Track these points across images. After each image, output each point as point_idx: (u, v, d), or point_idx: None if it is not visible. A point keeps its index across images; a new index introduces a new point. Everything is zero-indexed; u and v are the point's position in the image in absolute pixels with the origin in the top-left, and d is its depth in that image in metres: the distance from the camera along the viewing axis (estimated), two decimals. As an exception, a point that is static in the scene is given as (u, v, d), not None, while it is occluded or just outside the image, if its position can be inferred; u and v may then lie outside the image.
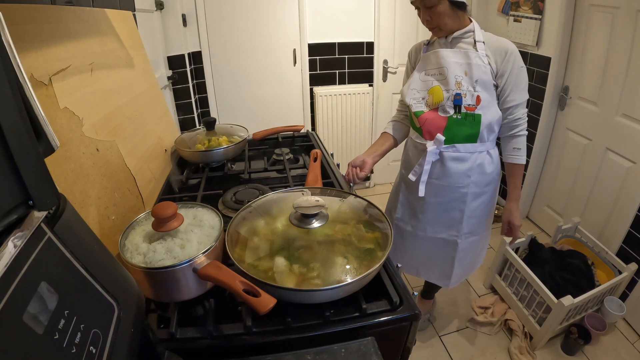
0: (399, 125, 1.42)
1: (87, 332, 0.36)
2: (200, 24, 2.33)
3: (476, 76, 1.16)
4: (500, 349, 1.72)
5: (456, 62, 1.18)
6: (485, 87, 1.17)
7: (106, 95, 0.97)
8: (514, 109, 1.20)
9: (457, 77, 1.17)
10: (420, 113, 1.25)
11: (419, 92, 1.26)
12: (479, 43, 1.16)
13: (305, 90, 2.68)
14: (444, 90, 1.19)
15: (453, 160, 1.25)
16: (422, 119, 1.24)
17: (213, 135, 1.35)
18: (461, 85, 1.17)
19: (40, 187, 0.36)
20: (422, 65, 1.27)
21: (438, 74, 1.21)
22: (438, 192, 1.31)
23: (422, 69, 1.26)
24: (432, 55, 1.23)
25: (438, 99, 1.21)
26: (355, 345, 0.61)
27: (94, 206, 0.77)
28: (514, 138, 1.24)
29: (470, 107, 1.18)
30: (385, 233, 0.78)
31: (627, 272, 1.74)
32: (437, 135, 1.22)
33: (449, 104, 1.19)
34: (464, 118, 1.19)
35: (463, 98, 1.17)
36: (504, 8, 2.46)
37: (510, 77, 1.16)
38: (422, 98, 1.25)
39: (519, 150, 1.24)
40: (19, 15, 0.67)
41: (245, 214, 0.84)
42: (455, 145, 1.23)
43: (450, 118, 1.20)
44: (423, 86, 1.25)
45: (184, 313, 0.72)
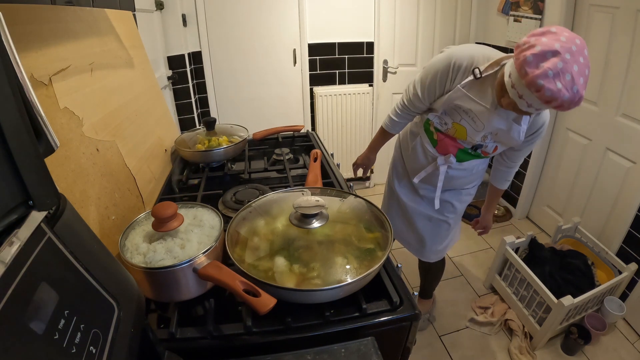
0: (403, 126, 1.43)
1: (87, 332, 0.36)
2: (200, 24, 2.33)
3: (504, 140, 1.17)
4: (500, 349, 1.72)
5: (497, 127, 1.11)
6: (507, 146, 1.22)
7: (106, 95, 0.97)
8: (518, 159, 1.30)
9: (487, 134, 1.17)
10: (438, 131, 1.27)
11: (445, 116, 1.21)
12: (525, 117, 1.08)
13: (305, 90, 2.68)
14: (468, 136, 1.19)
15: (457, 170, 1.33)
16: (440, 136, 1.27)
17: (213, 135, 1.35)
18: (486, 138, 1.18)
19: (40, 187, 0.36)
20: (461, 100, 1.12)
21: (471, 120, 1.14)
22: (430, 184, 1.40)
23: (458, 103, 1.13)
24: (476, 106, 1.10)
25: (460, 137, 1.22)
26: (355, 345, 0.61)
27: (94, 206, 0.77)
28: (508, 173, 1.35)
29: (485, 152, 1.25)
30: (385, 233, 0.78)
31: (627, 272, 1.74)
32: (450, 156, 1.28)
33: (469, 145, 1.24)
34: (477, 155, 1.28)
35: (483, 146, 1.22)
36: (504, 8, 2.46)
37: (532, 144, 1.20)
38: (445, 122, 1.22)
39: (508, 181, 1.37)
40: (19, 15, 0.67)
41: (245, 214, 0.84)
42: (463, 163, 1.31)
43: (465, 148, 1.26)
44: (451, 114, 1.18)
45: (184, 313, 0.72)
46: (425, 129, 1.31)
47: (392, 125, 1.40)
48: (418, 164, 1.38)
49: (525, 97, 0.90)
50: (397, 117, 1.37)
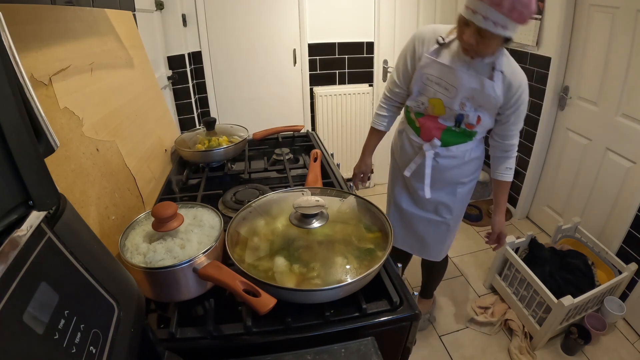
0: (391, 120, 1.44)
1: (87, 332, 0.36)
2: (200, 24, 2.33)
3: (482, 102, 1.15)
4: (500, 349, 1.72)
5: (469, 87, 1.13)
6: (489, 113, 1.19)
7: (106, 95, 0.97)
8: (512, 137, 1.24)
9: (463, 99, 1.16)
10: (420, 115, 1.27)
11: (420, 95, 1.24)
12: (497, 72, 1.10)
13: (305, 90, 2.68)
14: (446, 107, 1.19)
15: (446, 158, 1.31)
16: (422, 121, 1.27)
17: (213, 135, 1.35)
18: (465, 106, 1.17)
19: (40, 187, 0.36)
20: (429, 68, 1.17)
21: (443, 88, 1.16)
22: (432, 184, 1.37)
23: (426, 72, 1.18)
24: (445, 68, 1.14)
25: (439, 112, 1.22)
26: (355, 345, 0.61)
27: (94, 206, 0.77)
28: (507, 159, 1.28)
29: (470, 125, 1.22)
30: (385, 233, 0.78)
31: (627, 272, 1.74)
32: (434, 139, 1.26)
33: (450, 118, 1.22)
34: (461, 131, 1.24)
35: (465, 117, 1.19)
36: (504, 8, 2.46)
37: (513, 108, 1.17)
38: (421, 103, 1.24)
39: (509, 169, 1.29)
40: (19, 15, 0.67)
41: (245, 214, 0.84)
42: (449, 147, 1.28)
43: (448, 127, 1.24)
44: (425, 91, 1.22)
45: (184, 313, 0.72)
46: (408, 120, 1.34)
47: (379, 121, 1.42)
48: (406, 157, 1.39)
49: (478, 10, 0.94)
50: (382, 111, 1.40)
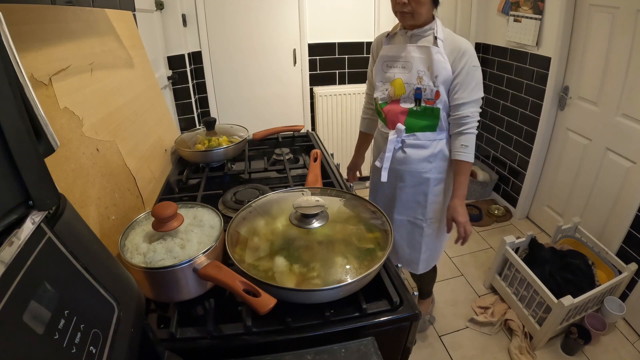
0: (371, 122, 1.54)
1: (87, 332, 0.36)
2: (200, 24, 2.33)
3: (436, 72, 1.19)
4: (500, 349, 1.72)
5: (419, 57, 1.21)
6: (445, 83, 1.21)
7: (106, 95, 0.97)
8: (461, 107, 1.23)
9: (420, 72, 1.22)
10: (384, 104, 1.33)
11: (383, 84, 1.31)
12: (438, 40, 1.19)
13: (305, 90, 2.68)
14: (405, 84, 1.25)
15: (413, 148, 1.32)
16: (386, 110, 1.32)
17: (213, 135, 1.35)
18: (422, 80, 1.22)
19: (40, 187, 0.36)
20: (384, 57, 1.30)
21: (401, 67, 1.26)
22: (402, 177, 1.37)
23: (383, 61, 1.30)
24: (396, 48, 1.26)
25: (400, 92, 1.27)
26: (355, 345, 0.61)
27: (94, 206, 0.77)
28: (461, 135, 1.26)
29: (429, 101, 1.24)
30: (385, 233, 0.78)
31: (627, 272, 1.74)
32: (397, 124, 1.29)
33: (409, 96, 1.26)
34: (423, 111, 1.26)
35: (423, 92, 1.23)
36: (504, 8, 2.46)
37: (460, 75, 1.19)
38: (385, 90, 1.31)
39: (466, 147, 1.25)
40: (19, 15, 0.67)
41: (245, 214, 0.84)
42: (416, 134, 1.30)
43: (410, 110, 1.27)
44: (386, 78, 1.30)
45: (184, 313, 0.72)
46: (378, 114, 1.39)
47: (362, 123, 1.57)
48: (378, 149, 1.43)
49: None
50: (364, 114, 1.55)
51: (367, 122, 1.56)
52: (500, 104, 2.71)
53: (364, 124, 1.58)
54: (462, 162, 1.27)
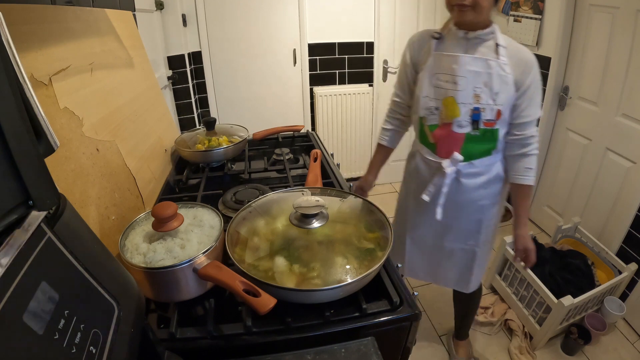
0: (396, 135, 1.31)
1: (87, 332, 0.36)
2: (200, 24, 2.33)
3: (497, 88, 1.02)
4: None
5: (476, 71, 1.02)
6: (508, 100, 1.04)
7: (106, 95, 0.97)
8: (527, 126, 1.09)
9: (476, 90, 1.03)
10: (434, 127, 1.12)
11: (431, 101, 1.10)
12: (500, 48, 1.01)
13: (305, 90, 2.68)
14: (460, 104, 1.05)
15: (469, 177, 1.15)
16: (437, 135, 1.12)
17: (213, 135, 1.35)
18: (480, 98, 1.03)
19: (40, 187, 0.36)
20: (433, 67, 1.08)
21: (452, 83, 1.05)
22: (454, 208, 1.20)
23: (433, 72, 1.08)
24: (447, 58, 1.05)
25: (453, 114, 1.07)
26: (355, 345, 0.61)
27: (94, 206, 0.77)
28: (526, 157, 1.12)
29: (489, 122, 1.06)
30: (385, 233, 0.78)
31: (627, 272, 1.74)
32: (454, 154, 1.11)
33: (465, 119, 1.06)
34: (483, 134, 1.08)
35: (482, 113, 1.05)
36: (504, 8, 2.46)
37: (528, 92, 1.04)
38: (435, 108, 1.10)
39: (530, 170, 1.12)
40: (19, 15, 0.67)
41: (245, 214, 0.84)
42: (473, 161, 1.13)
43: (467, 135, 1.08)
44: (436, 93, 1.09)
45: (184, 313, 0.72)
46: (421, 137, 1.19)
47: (382, 135, 1.32)
48: (423, 180, 1.22)
49: None
50: (386, 124, 1.31)
51: (391, 134, 1.30)
52: (500, 104, 2.70)
53: (387, 136, 1.30)
54: (526, 186, 1.14)
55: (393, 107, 1.29)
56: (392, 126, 1.30)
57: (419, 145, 1.22)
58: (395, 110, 1.29)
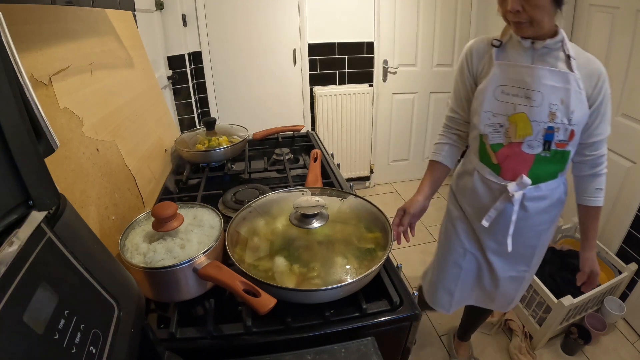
0: (454, 150, 1.15)
1: (87, 332, 0.36)
2: (200, 24, 2.33)
3: (573, 106, 0.91)
4: (500, 349, 1.72)
5: (554, 86, 0.91)
6: (582, 119, 0.94)
7: (106, 95, 0.97)
8: (599, 145, 1.00)
9: (552, 107, 0.92)
10: (499, 147, 1.00)
11: (495, 117, 0.98)
12: (572, 60, 0.91)
13: (305, 90, 2.68)
14: (532, 121, 0.94)
15: (534, 201, 1.04)
16: (501, 155, 1.00)
17: (213, 135, 1.35)
18: (555, 116, 0.92)
19: (40, 187, 0.36)
20: (499, 78, 0.96)
21: (524, 97, 0.93)
22: (502, 228, 1.08)
23: (497, 84, 0.97)
24: (516, 69, 0.94)
25: (524, 132, 0.95)
26: (355, 345, 0.61)
27: (94, 206, 0.77)
28: (597, 177, 1.03)
29: (561, 143, 0.95)
30: (385, 233, 0.78)
31: (627, 272, 1.74)
32: (522, 177, 0.99)
33: (538, 139, 0.95)
34: (553, 156, 0.97)
35: (555, 133, 0.94)
36: (504, 8, 2.46)
37: (601, 107, 0.95)
38: (499, 125, 0.98)
39: (600, 190, 1.04)
40: (19, 15, 0.67)
41: (245, 214, 0.84)
42: (539, 185, 1.02)
43: (537, 156, 0.97)
44: (501, 109, 0.97)
45: (184, 313, 0.72)
46: (481, 156, 1.05)
47: (436, 150, 1.15)
48: (480, 203, 1.09)
49: None
50: (443, 139, 1.15)
51: (448, 150, 1.14)
52: (500, 104, 2.71)
53: (443, 151, 1.14)
54: (597, 208, 1.06)
55: (448, 123, 1.15)
56: (449, 141, 1.14)
57: (477, 164, 1.08)
58: (451, 127, 1.15)
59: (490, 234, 1.11)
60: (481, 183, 1.08)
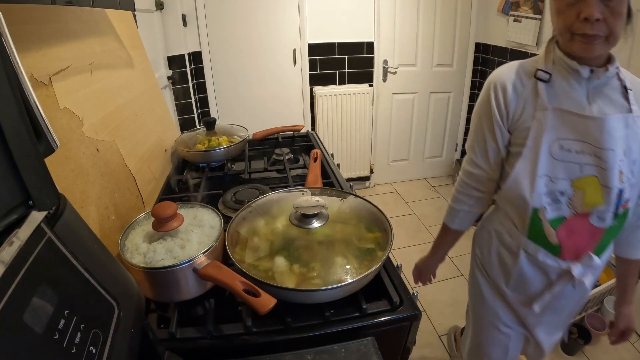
0: (469, 216, 0.95)
1: (87, 332, 0.36)
2: (200, 24, 2.33)
3: (636, 153, 0.72)
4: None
5: (619, 135, 0.71)
6: None
7: (106, 95, 0.97)
8: None
9: (620, 164, 0.71)
10: (560, 221, 0.76)
11: (554, 182, 0.74)
12: (630, 93, 0.74)
13: (305, 90, 2.68)
14: (603, 187, 0.73)
15: (594, 274, 0.86)
16: (564, 232, 0.77)
17: (213, 135, 1.35)
18: (622, 174, 0.72)
19: (40, 187, 0.36)
20: (555, 128, 0.73)
21: (592, 155, 0.72)
22: (558, 305, 0.91)
23: (554, 137, 0.73)
24: (581, 120, 0.72)
25: (593, 201, 0.74)
26: (355, 345, 0.61)
27: (94, 206, 0.77)
28: None
29: (626, 202, 0.76)
30: (385, 233, 0.78)
31: (627, 272, 1.74)
32: (591, 258, 0.78)
33: (610, 208, 0.74)
34: (619, 221, 0.78)
35: (623, 194, 0.74)
36: (504, 8, 2.46)
37: None
38: (560, 193, 0.75)
39: None
40: (19, 15, 0.67)
41: (245, 214, 0.84)
42: (601, 256, 0.83)
43: (607, 228, 0.77)
44: (562, 171, 0.74)
45: (184, 313, 0.72)
46: (533, 234, 0.81)
47: (452, 216, 0.96)
48: (531, 291, 0.88)
49: None
50: (457, 203, 0.94)
51: (462, 217, 0.94)
52: (500, 104, 2.70)
53: (458, 218, 0.95)
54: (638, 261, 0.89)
55: (467, 180, 0.90)
56: (465, 207, 0.93)
57: (524, 243, 0.83)
58: (469, 185, 0.90)
59: (537, 317, 0.91)
60: (531, 266, 0.84)
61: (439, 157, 3.20)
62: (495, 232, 0.92)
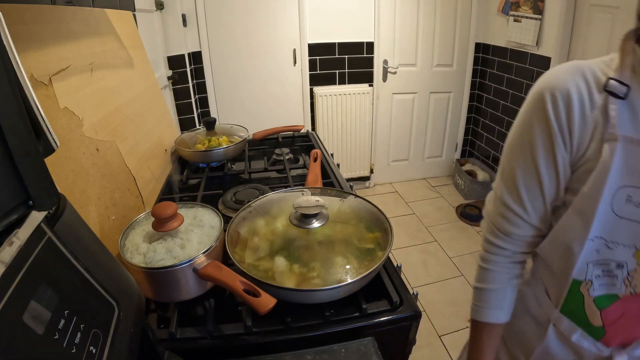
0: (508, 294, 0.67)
1: (87, 332, 0.36)
2: (200, 24, 2.33)
3: None
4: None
5: None
6: None
7: (106, 95, 0.97)
8: None
9: None
10: (609, 301, 0.57)
11: (610, 248, 0.54)
12: None
13: (305, 90, 2.68)
14: None
15: None
16: (612, 314, 0.58)
17: (213, 135, 1.35)
18: None
19: (40, 187, 0.36)
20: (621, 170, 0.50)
21: None
22: None
23: (619, 183, 0.50)
24: None
25: None
26: (355, 345, 0.61)
27: (94, 206, 0.77)
28: None
29: None
30: (385, 233, 0.78)
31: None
32: (636, 343, 0.58)
33: None
34: None
35: None
36: (504, 8, 2.46)
37: None
38: (616, 265, 0.55)
39: None
40: (18, 15, 0.67)
41: (245, 214, 0.84)
42: None
43: None
44: (625, 234, 0.52)
45: (184, 313, 0.72)
46: (569, 310, 0.61)
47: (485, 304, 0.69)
48: None
49: None
50: (487, 282, 0.69)
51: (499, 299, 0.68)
52: (501, 104, 2.71)
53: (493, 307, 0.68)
54: None
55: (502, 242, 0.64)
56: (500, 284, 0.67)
57: (556, 317, 0.63)
58: (505, 248, 0.65)
59: None
60: (561, 346, 0.64)
61: (439, 157, 3.20)
62: (521, 294, 0.69)
